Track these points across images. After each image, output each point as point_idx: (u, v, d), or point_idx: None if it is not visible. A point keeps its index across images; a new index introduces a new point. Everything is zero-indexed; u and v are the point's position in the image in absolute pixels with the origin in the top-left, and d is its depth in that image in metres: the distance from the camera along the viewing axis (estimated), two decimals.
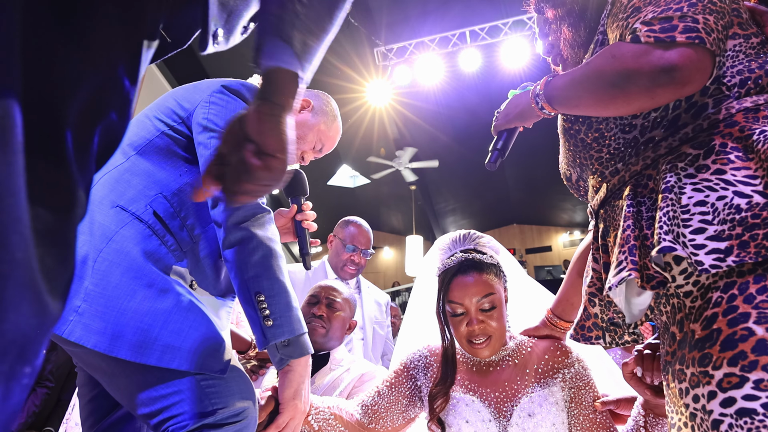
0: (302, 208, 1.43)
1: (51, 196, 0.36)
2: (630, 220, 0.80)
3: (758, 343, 0.63)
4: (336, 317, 1.64)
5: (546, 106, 0.94)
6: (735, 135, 0.76)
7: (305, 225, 1.42)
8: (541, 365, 1.23)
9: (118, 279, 0.92)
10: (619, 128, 0.89)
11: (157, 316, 0.91)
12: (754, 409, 0.61)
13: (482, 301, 1.20)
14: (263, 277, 1.01)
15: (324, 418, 1.18)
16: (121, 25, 0.46)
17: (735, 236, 0.68)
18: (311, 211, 1.45)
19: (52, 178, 0.37)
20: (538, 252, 13.56)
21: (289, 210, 1.44)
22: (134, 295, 0.92)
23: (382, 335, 2.47)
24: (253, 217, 1.05)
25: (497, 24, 6.15)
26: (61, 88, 0.39)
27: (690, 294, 0.75)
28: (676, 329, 0.76)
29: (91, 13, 0.42)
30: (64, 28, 0.40)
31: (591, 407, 1.18)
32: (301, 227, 1.41)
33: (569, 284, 1.26)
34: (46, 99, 0.38)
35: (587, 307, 0.95)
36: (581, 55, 1.03)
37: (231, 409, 0.92)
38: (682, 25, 0.75)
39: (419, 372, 1.31)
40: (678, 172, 0.77)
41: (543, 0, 1.08)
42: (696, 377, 0.69)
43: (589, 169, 0.99)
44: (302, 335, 1.04)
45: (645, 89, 0.76)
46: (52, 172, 0.37)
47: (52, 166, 0.37)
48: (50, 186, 0.36)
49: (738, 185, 0.70)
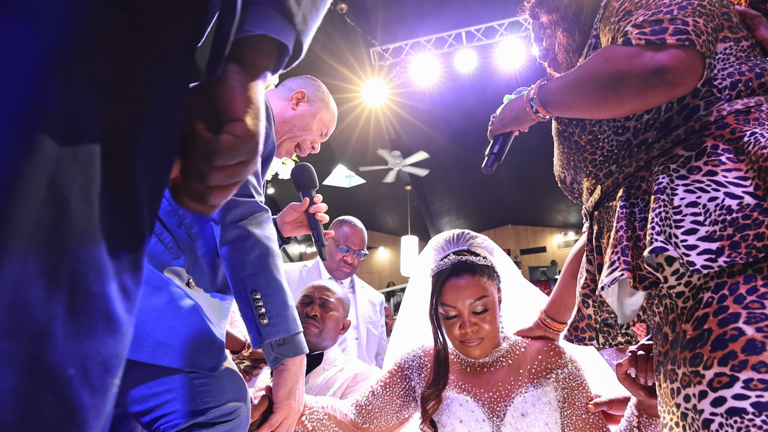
0: (314, 200, 1.44)
1: (127, 231, 0.38)
2: (623, 221, 0.81)
3: (748, 343, 0.63)
4: (329, 317, 1.64)
5: (540, 109, 0.95)
6: (726, 137, 0.76)
7: (318, 217, 1.43)
8: (534, 365, 1.23)
9: None
10: (612, 130, 0.90)
11: (149, 313, 0.91)
12: (743, 408, 0.62)
13: (475, 303, 1.20)
14: (260, 275, 1.01)
15: (318, 418, 1.18)
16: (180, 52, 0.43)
17: (726, 237, 0.68)
18: (323, 203, 1.46)
19: (127, 212, 0.38)
20: (533, 253, 13.61)
21: (301, 204, 1.46)
22: None
23: (376, 335, 2.46)
24: (251, 215, 1.05)
25: (493, 25, 6.16)
26: (135, 118, 0.38)
27: (682, 294, 0.75)
28: (669, 329, 0.77)
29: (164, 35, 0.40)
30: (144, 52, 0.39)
31: (584, 407, 1.19)
32: (315, 219, 1.43)
33: (563, 285, 1.27)
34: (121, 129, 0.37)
35: (581, 308, 0.95)
36: (576, 60, 1.04)
37: (223, 408, 0.92)
38: (673, 27, 0.76)
39: (413, 372, 1.31)
40: (670, 173, 0.78)
41: (538, 5, 1.09)
42: (687, 377, 0.69)
43: (583, 172, 0.99)
44: (297, 334, 1.04)
45: (637, 91, 0.77)
46: (125, 208, 0.38)
47: (130, 202, 0.38)
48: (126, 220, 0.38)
49: (729, 186, 0.71)
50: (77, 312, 0.32)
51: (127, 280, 0.37)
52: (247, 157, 0.47)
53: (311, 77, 1.50)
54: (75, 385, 0.32)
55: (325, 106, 1.45)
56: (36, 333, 0.30)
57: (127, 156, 0.38)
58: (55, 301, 0.31)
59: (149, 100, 0.39)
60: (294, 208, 1.47)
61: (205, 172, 0.45)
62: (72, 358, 0.32)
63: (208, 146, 0.45)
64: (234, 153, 0.45)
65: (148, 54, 0.39)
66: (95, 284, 0.34)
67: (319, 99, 1.44)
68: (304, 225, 1.48)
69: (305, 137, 1.42)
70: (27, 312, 0.30)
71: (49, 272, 0.31)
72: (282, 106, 1.41)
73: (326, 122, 1.45)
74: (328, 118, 1.46)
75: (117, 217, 0.37)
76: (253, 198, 1.08)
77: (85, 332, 0.33)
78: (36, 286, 0.30)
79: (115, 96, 0.36)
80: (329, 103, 1.47)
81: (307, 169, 1.48)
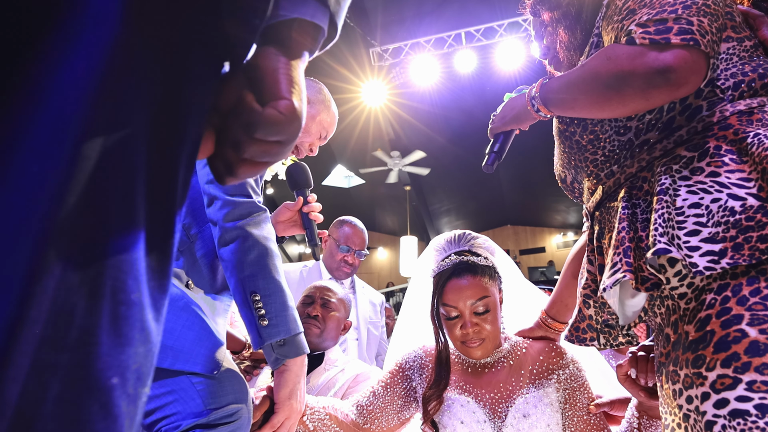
0: (308, 200, 1.44)
1: (159, 239, 0.38)
2: (625, 222, 0.81)
3: (751, 345, 0.63)
4: (331, 317, 1.64)
5: (542, 108, 0.94)
6: (729, 138, 0.76)
7: (312, 216, 1.42)
8: (535, 366, 1.23)
9: None
10: (614, 130, 0.90)
11: None
12: (747, 410, 0.62)
13: (476, 304, 1.20)
14: (259, 276, 1.01)
15: (319, 418, 1.18)
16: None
17: (729, 238, 0.68)
18: (317, 203, 1.46)
19: (161, 221, 0.38)
20: (532, 253, 13.62)
21: (295, 203, 1.45)
22: None
23: (377, 335, 2.46)
24: (249, 215, 1.05)
25: (492, 26, 6.16)
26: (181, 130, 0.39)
27: (684, 296, 0.75)
28: (671, 331, 0.77)
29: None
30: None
31: (585, 408, 1.19)
32: (308, 219, 1.42)
33: (563, 285, 1.27)
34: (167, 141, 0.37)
35: (582, 308, 0.95)
36: (577, 58, 1.04)
37: (224, 410, 0.92)
38: (677, 26, 0.75)
39: (414, 372, 1.31)
40: (673, 174, 0.78)
41: (539, 3, 1.08)
42: (689, 378, 0.69)
43: (584, 171, 0.99)
44: (298, 335, 1.04)
45: (640, 90, 0.77)
46: (163, 216, 0.38)
47: (164, 210, 0.38)
48: (159, 229, 0.38)
49: (732, 188, 0.71)
50: (118, 320, 0.33)
51: (155, 289, 0.38)
52: (287, 137, 0.46)
53: (314, 79, 1.50)
54: (116, 394, 0.32)
55: (326, 108, 1.44)
56: (80, 342, 0.30)
57: (172, 161, 0.38)
58: (99, 309, 0.31)
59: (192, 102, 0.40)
60: (288, 207, 1.46)
61: (242, 142, 0.45)
62: (114, 367, 0.32)
63: (252, 117, 0.44)
64: (275, 129, 0.45)
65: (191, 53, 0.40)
66: (134, 293, 0.34)
67: (320, 101, 1.44)
68: (297, 224, 1.47)
69: (303, 139, 1.41)
70: (69, 321, 0.30)
71: (92, 281, 0.31)
72: None
73: (326, 125, 1.44)
74: (327, 121, 1.45)
75: (153, 222, 0.37)
76: (251, 198, 1.07)
77: (126, 341, 0.33)
78: (78, 296, 0.30)
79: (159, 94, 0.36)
80: (330, 106, 1.46)
81: (302, 168, 1.47)
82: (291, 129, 0.46)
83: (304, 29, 0.48)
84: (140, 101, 0.35)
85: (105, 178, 0.32)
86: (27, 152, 0.29)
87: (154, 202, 0.37)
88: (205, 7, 0.41)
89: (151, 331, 0.36)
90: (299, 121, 0.46)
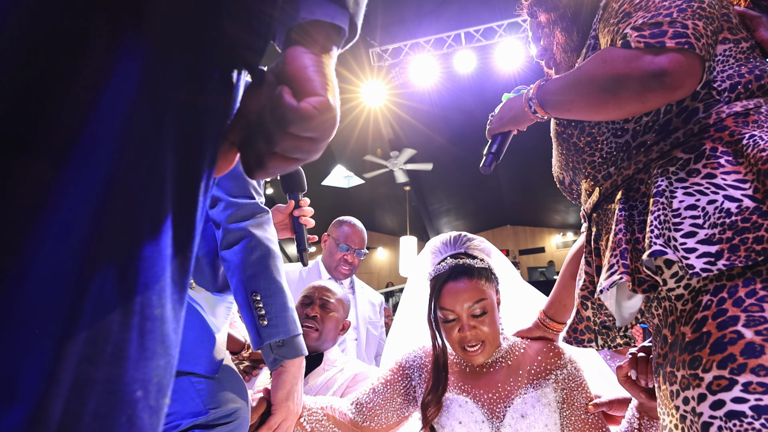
0: (300, 204, 1.43)
1: (181, 255, 0.39)
2: (622, 223, 0.81)
3: (747, 346, 0.64)
4: (329, 318, 1.64)
5: (539, 110, 0.95)
6: (725, 139, 0.76)
7: (303, 221, 1.41)
8: (533, 366, 1.23)
9: None
10: (612, 132, 0.90)
11: None
12: (742, 411, 0.62)
13: (474, 307, 1.20)
14: (260, 276, 1.01)
15: (317, 419, 1.18)
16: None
17: (725, 240, 0.68)
18: (309, 207, 1.45)
19: (184, 237, 0.39)
20: (532, 253, 13.62)
21: (286, 206, 1.44)
22: None
23: (376, 335, 2.46)
24: (252, 216, 1.05)
25: (492, 26, 6.16)
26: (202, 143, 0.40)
27: (681, 297, 0.75)
28: (668, 332, 0.77)
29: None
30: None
31: (583, 408, 1.19)
32: (299, 223, 1.41)
33: (561, 286, 1.27)
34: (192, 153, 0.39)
35: (579, 310, 0.95)
36: (574, 59, 1.04)
37: (223, 410, 0.92)
38: (672, 30, 0.76)
39: (414, 372, 1.31)
40: (669, 176, 0.78)
41: (536, 4, 1.09)
42: (686, 380, 0.69)
43: (581, 173, 0.99)
44: (297, 336, 1.04)
45: (636, 94, 0.77)
46: (185, 231, 0.40)
47: (187, 225, 0.40)
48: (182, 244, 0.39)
49: (728, 189, 0.71)
50: (144, 335, 0.34)
51: (176, 301, 0.39)
52: (320, 134, 0.46)
53: None
54: (140, 407, 0.33)
55: None
56: (113, 357, 0.31)
57: (194, 182, 0.40)
58: (130, 325, 0.32)
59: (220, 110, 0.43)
60: (279, 209, 1.45)
61: (274, 135, 0.45)
62: (139, 380, 0.33)
63: (287, 111, 0.44)
64: (309, 124, 0.44)
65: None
66: (157, 307, 0.35)
67: None
68: (288, 227, 1.45)
69: None
70: (106, 338, 0.31)
71: (125, 298, 0.32)
72: None
73: None
74: None
75: (177, 238, 0.38)
76: (254, 199, 1.08)
77: (149, 354, 0.34)
78: (114, 313, 0.31)
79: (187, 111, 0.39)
80: None
81: (296, 171, 1.45)
82: (325, 126, 0.46)
83: (326, 30, 0.49)
84: (168, 116, 0.36)
85: (139, 198, 0.34)
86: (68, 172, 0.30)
87: (179, 217, 0.38)
88: (213, 14, 0.42)
89: (171, 344, 0.37)
90: (334, 119, 0.46)
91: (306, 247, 1.38)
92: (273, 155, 0.46)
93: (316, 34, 0.49)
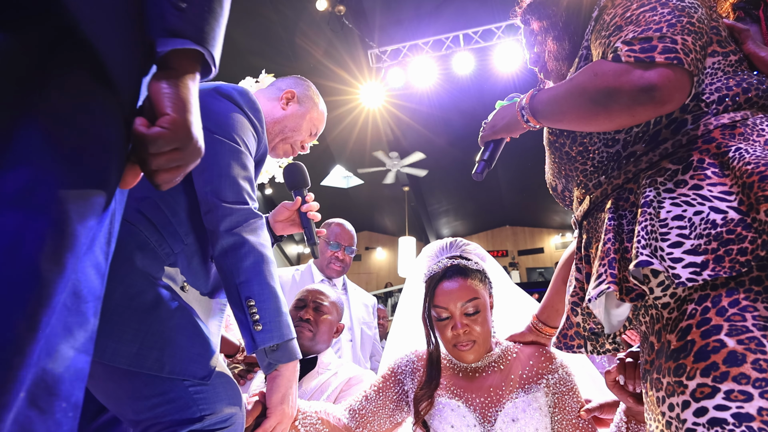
0: (305, 200, 1.45)
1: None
2: (611, 233, 0.82)
3: (729, 355, 0.65)
4: (323, 321, 1.65)
5: (531, 119, 0.96)
6: (712, 151, 0.78)
7: (310, 215, 1.44)
8: (525, 371, 1.25)
9: None
10: (603, 142, 0.91)
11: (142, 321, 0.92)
12: (724, 419, 0.63)
13: (466, 305, 1.23)
14: (254, 282, 1.02)
15: (311, 422, 1.20)
16: None
17: (711, 251, 0.70)
18: (315, 202, 1.47)
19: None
20: (531, 254, 13.64)
21: (293, 202, 1.47)
22: None
23: (371, 336, 2.52)
24: (245, 222, 1.06)
25: (491, 28, 6.18)
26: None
27: (667, 305, 0.77)
28: (654, 339, 0.78)
29: None
30: None
31: (574, 412, 1.20)
32: (307, 218, 1.44)
33: (554, 291, 1.28)
34: None
35: (570, 316, 0.96)
36: (565, 68, 1.05)
37: (219, 415, 0.93)
38: (661, 45, 0.77)
39: (407, 377, 1.33)
40: (657, 186, 0.79)
41: (529, 12, 1.10)
42: (671, 386, 0.71)
43: (573, 181, 1.00)
44: (291, 340, 1.05)
45: (626, 107, 0.78)
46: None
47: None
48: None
49: (714, 201, 0.72)
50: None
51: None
52: (180, 144, 0.55)
53: (301, 77, 1.51)
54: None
55: (315, 105, 1.46)
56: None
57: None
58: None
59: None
60: (286, 206, 1.48)
61: (144, 158, 0.55)
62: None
63: (139, 138, 0.54)
64: (162, 142, 0.54)
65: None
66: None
67: (309, 98, 1.45)
68: (296, 223, 1.49)
69: (296, 137, 1.43)
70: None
71: None
72: (271, 106, 1.41)
73: (315, 122, 1.46)
74: (317, 118, 1.47)
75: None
76: (248, 205, 1.09)
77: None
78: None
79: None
80: (318, 103, 1.48)
81: (299, 168, 1.49)
82: (178, 137, 0.55)
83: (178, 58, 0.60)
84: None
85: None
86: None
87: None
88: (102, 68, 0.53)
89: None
90: (184, 129, 0.56)
91: (316, 240, 1.41)
92: (155, 172, 0.56)
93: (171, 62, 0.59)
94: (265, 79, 2.19)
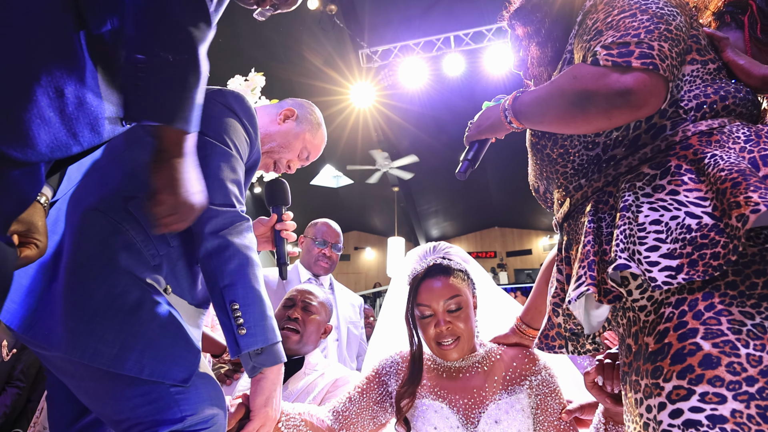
0: (282, 218, 1.44)
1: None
2: (590, 236, 0.83)
3: (704, 358, 0.66)
4: (311, 320, 1.65)
5: (514, 120, 0.97)
6: (689, 157, 0.79)
7: (284, 235, 1.42)
8: (509, 372, 1.26)
9: None
10: (583, 145, 0.92)
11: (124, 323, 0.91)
12: (699, 420, 0.64)
13: (449, 302, 1.24)
14: (238, 285, 1.02)
15: (294, 424, 1.19)
16: None
17: (686, 255, 0.71)
18: (291, 222, 1.45)
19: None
20: (519, 255, 13.71)
21: (269, 219, 1.45)
22: None
23: (357, 335, 2.55)
24: (232, 225, 1.05)
25: (481, 30, 6.21)
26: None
27: (645, 308, 0.78)
28: (632, 341, 0.79)
29: None
30: None
31: (556, 414, 1.22)
32: (280, 237, 1.42)
33: (537, 293, 1.30)
34: None
35: (551, 317, 0.98)
36: (547, 73, 1.06)
37: (200, 416, 0.93)
38: (638, 50, 0.78)
39: (391, 378, 1.33)
40: (636, 191, 0.80)
41: (514, 17, 1.11)
42: (649, 388, 0.72)
43: (554, 183, 1.02)
44: (275, 344, 1.05)
45: (603, 110, 0.80)
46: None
47: None
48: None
49: (690, 206, 0.74)
50: None
51: None
52: (173, 211, 0.78)
53: (310, 103, 1.50)
54: None
55: (313, 129, 1.44)
56: None
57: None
58: None
59: None
60: (262, 222, 1.46)
61: (154, 218, 0.79)
62: None
63: (150, 213, 0.78)
64: (160, 215, 0.78)
65: None
66: None
67: (309, 121, 1.44)
68: (269, 241, 1.46)
69: (283, 155, 1.42)
70: None
71: None
72: (268, 120, 1.41)
73: (308, 145, 1.44)
74: (312, 141, 1.45)
75: None
76: (234, 208, 1.08)
77: None
78: None
79: None
80: (318, 128, 1.46)
81: (281, 185, 1.46)
82: (171, 207, 0.77)
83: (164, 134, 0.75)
84: None
85: None
86: None
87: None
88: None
89: None
90: (175, 200, 0.77)
91: (286, 261, 1.40)
92: (163, 225, 0.79)
93: (156, 132, 0.74)
94: (255, 77, 2.18)
